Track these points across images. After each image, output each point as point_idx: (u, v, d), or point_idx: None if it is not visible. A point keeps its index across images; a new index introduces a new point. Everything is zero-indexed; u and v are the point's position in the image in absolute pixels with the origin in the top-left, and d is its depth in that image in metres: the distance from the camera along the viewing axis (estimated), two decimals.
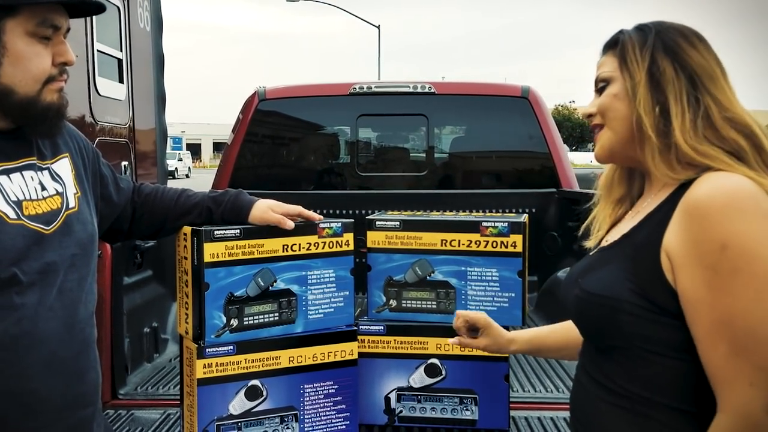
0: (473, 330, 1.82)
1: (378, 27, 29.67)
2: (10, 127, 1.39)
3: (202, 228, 1.95)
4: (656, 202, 1.21)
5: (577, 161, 38.27)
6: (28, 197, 1.38)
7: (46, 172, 1.45)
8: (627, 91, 1.23)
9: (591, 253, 1.34)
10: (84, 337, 1.47)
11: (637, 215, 1.26)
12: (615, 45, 1.29)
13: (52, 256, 1.38)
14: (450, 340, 1.86)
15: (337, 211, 4.22)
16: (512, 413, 2.34)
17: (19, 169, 1.39)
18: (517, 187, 4.39)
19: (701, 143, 1.16)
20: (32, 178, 1.41)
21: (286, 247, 2.06)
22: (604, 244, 1.33)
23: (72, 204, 1.47)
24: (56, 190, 1.45)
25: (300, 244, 2.08)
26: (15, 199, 1.35)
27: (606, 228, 1.37)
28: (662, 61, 1.21)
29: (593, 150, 1.35)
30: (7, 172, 1.36)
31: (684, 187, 1.15)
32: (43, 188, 1.42)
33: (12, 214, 1.33)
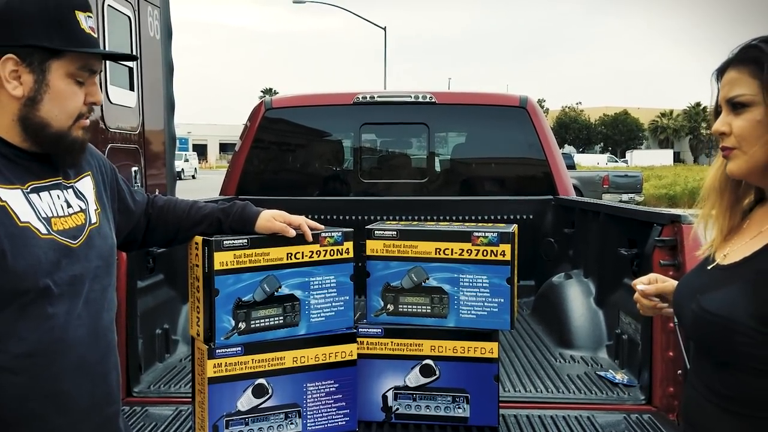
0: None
1: (384, 28, 29.78)
2: (37, 150, 1.53)
3: (213, 238, 2.10)
4: None
5: (584, 163, 38.25)
6: (55, 214, 1.51)
7: (70, 191, 1.59)
8: None
9: (709, 267, 1.31)
10: (107, 341, 1.61)
11: (761, 237, 1.24)
12: (752, 63, 1.22)
13: (79, 268, 1.51)
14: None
15: (341, 217, 4.36)
16: (502, 411, 2.48)
17: (47, 188, 1.53)
18: (515, 194, 4.54)
19: None
20: (59, 196, 1.55)
21: (290, 255, 2.21)
22: (721, 259, 1.30)
23: (94, 219, 1.61)
24: (80, 207, 1.59)
25: (303, 253, 2.23)
26: (45, 215, 1.48)
27: (720, 239, 1.34)
28: None
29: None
30: (37, 191, 1.50)
31: None
32: (69, 205, 1.56)
33: (43, 230, 1.46)
